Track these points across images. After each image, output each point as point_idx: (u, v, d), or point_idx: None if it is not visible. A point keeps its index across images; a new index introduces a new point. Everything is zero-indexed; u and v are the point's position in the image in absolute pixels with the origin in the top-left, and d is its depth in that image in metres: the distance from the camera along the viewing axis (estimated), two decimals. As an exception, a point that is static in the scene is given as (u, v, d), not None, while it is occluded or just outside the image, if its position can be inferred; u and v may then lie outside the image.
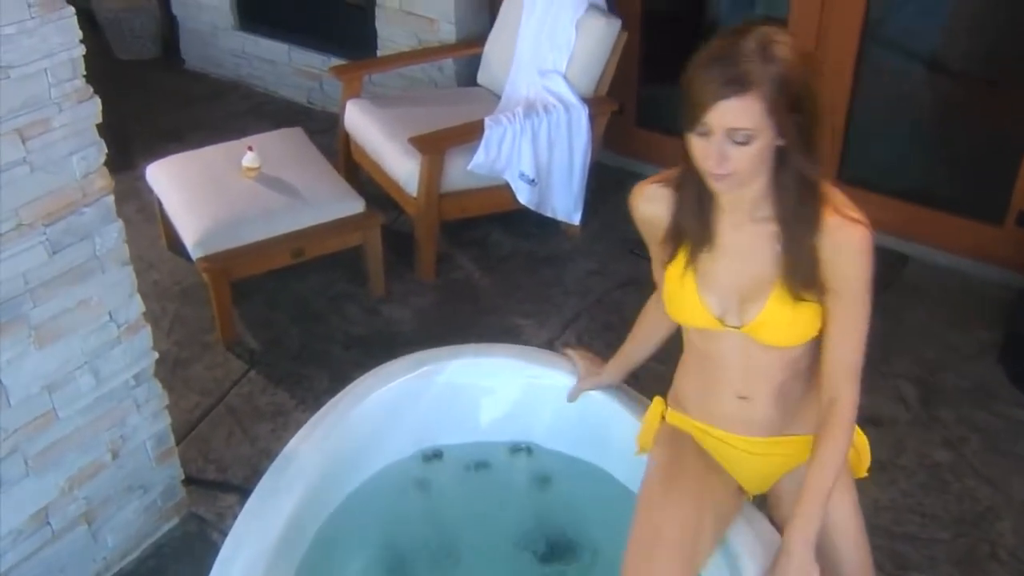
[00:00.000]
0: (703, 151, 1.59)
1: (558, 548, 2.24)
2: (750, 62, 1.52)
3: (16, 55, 1.97)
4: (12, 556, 2.27)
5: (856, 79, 3.72)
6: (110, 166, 2.25)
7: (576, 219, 3.88)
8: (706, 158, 1.59)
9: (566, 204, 3.85)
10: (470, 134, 3.60)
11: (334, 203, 3.47)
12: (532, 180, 3.72)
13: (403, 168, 3.63)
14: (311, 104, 5.09)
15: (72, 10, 2.06)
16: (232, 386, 3.22)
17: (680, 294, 1.80)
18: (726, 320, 1.78)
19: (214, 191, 3.43)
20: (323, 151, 3.80)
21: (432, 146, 3.53)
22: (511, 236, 4.00)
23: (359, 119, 3.95)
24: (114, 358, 2.37)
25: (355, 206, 3.49)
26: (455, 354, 2.39)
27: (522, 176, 3.70)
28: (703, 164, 1.61)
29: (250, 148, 3.54)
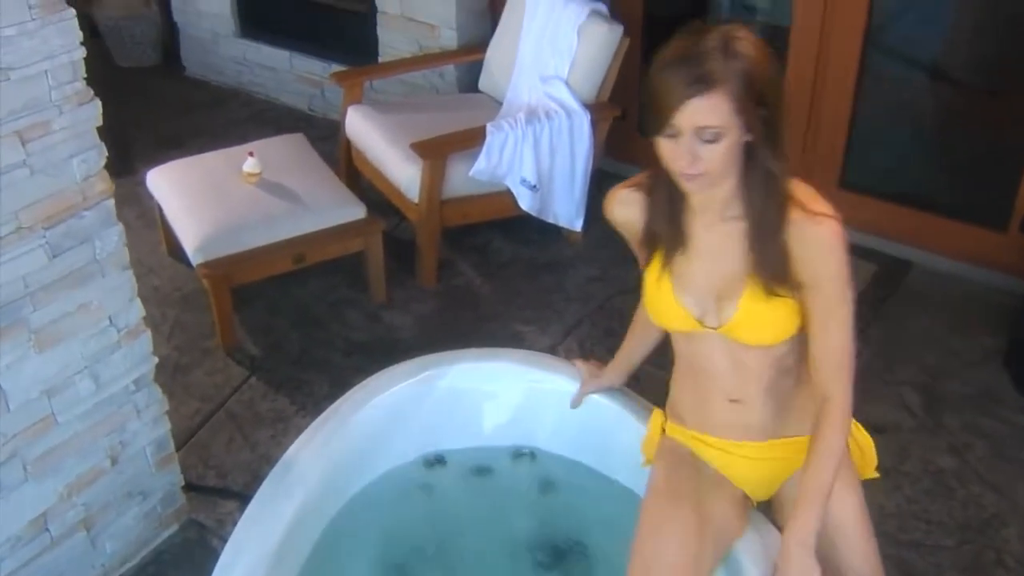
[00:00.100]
0: (673, 153, 1.59)
1: (561, 553, 2.23)
2: (713, 60, 1.52)
3: (16, 57, 1.96)
4: (10, 563, 2.25)
5: (858, 86, 3.71)
6: (110, 172, 2.24)
7: (578, 225, 3.87)
8: (676, 159, 1.59)
9: (568, 210, 3.84)
10: (472, 140, 3.59)
11: (335, 209, 3.46)
12: (534, 186, 3.70)
13: (404, 174, 3.62)
14: (312, 111, 5.09)
15: (73, 12, 2.05)
16: (232, 392, 3.21)
17: (658, 297, 1.81)
18: (705, 321, 1.77)
19: (215, 197, 3.42)
20: (324, 158, 3.78)
21: (434, 152, 3.52)
22: (512, 242, 3.98)
23: (360, 125, 3.94)
24: (114, 363, 2.35)
25: (356, 212, 3.48)
26: (457, 358, 2.38)
27: (524, 182, 3.69)
28: (673, 165, 1.60)
29: (251, 154, 3.53)
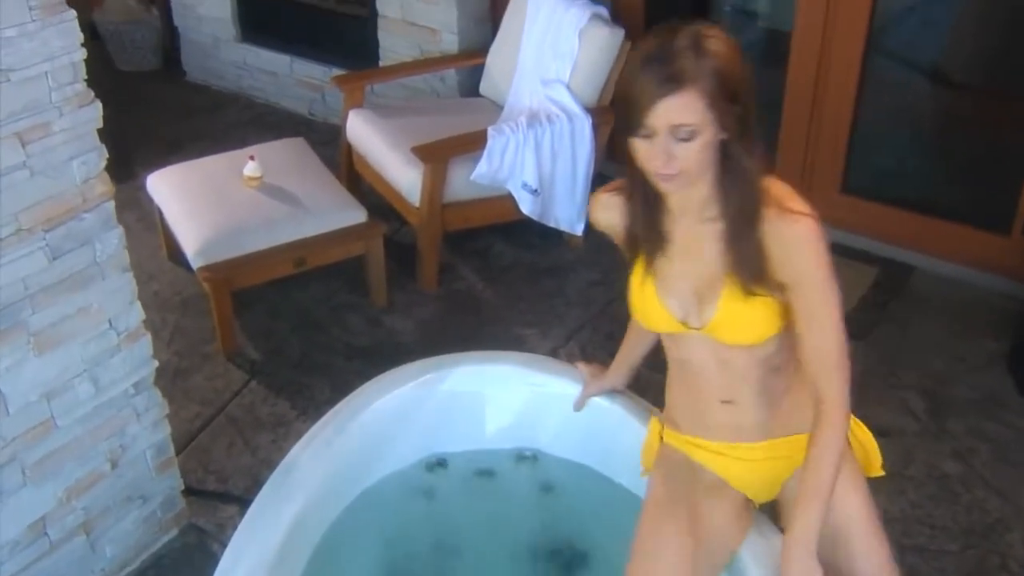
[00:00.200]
0: (648, 153, 1.58)
1: (564, 556, 2.22)
2: (685, 58, 1.51)
3: (17, 58, 1.95)
4: (9, 567, 2.23)
5: (860, 90, 3.70)
6: (110, 176, 2.23)
7: (579, 229, 3.86)
8: (652, 159, 1.58)
9: (569, 214, 3.83)
10: (473, 144, 3.58)
11: (336, 212, 3.45)
12: (535, 190, 3.70)
13: (405, 178, 3.61)
14: (312, 115, 5.08)
15: (73, 13, 2.04)
16: (233, 396, 3.20)
17: (642, 299, 1.80)
18: (689, 322, 1.77)
19: (215, 200, 3.42)
20: (325, 162, 3.78)
21: (435, 155, 3.51)
22: (513, 246, 3.97)
23: (361, 129, 3.93)
24: (114, 366, 2.34)
25: (357, 216, 3.47)
26: (459, 361, 2.37)
27: (525, 186, 3.68)
28: (649, 166, 1.60)
29: (252, 157, 3.52)
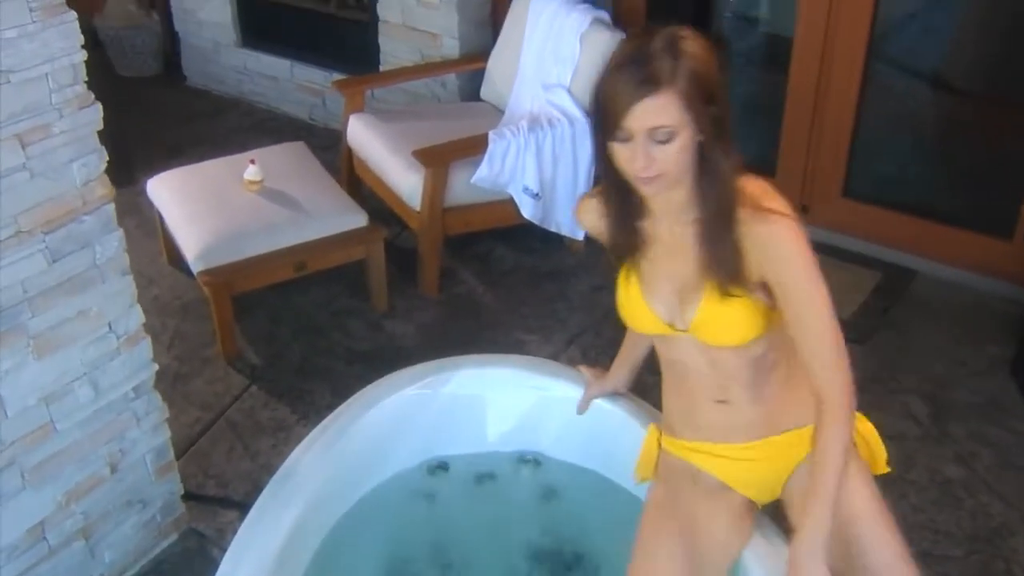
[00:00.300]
0: (627, 157, 1.58)
1: (566, 560, 2.21)
2: (660, 60, 1.52)
3: (17, 59, 1.94)
4: (8, 572, 2.22)
5: (861, 95, 3.69)
6: (110, 181, 2.22)
7: (580, 234, 3.84)
8: (631, 162, 1.57)
9: (570, 219, 3.82)
10: (474, 148, 3.58)
11: (337, 217, 3.44)
12: (536, 194, 3.69)
13: (406, 182, 3.60)
14: (313, 120, 5.08)
15: (74, 15, 2.03)
16: (233, 401, 3.18)
17: (629, 302, 1.80)
18: (675, 324, 1.76)
19: (216, 204, 3.41)
20: (326, 167, 3.77)
21: (436, 159, 3.50)
22: (514, 251, 3.97)
23: (362, 133, 3.92)
24: (113, 370, 2.33)
25: (358, 220, 3.46)
26: (461, 364, 2.37)
27: (526, 190, 3.68)
28: (629, 169, 1.59)
29: (252, 162, 3.52)
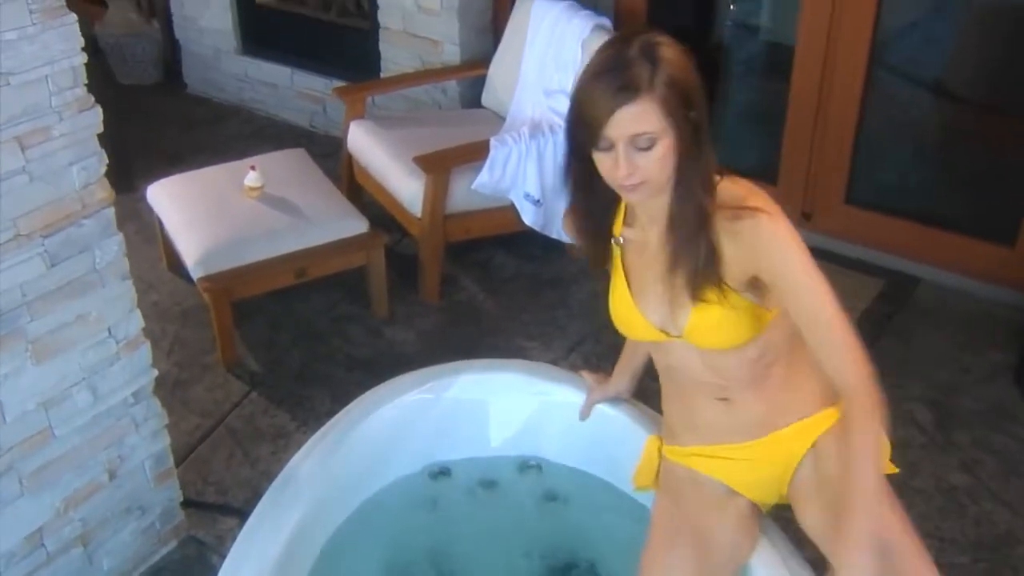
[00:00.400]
0: (610, 165, 1.56)
1: (569, 566, 2.19)
2: (637, 67, 1.50)
3: (16, 62, 1.93)
4: (6, 578, 2.21)
5: (863, 103, 3.69)
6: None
7: (581, 241, 3.84)
8: (614, 171, 1.55)
9: (571, 225, 3.81)
10: (475, 154, 3.56)
11: (337, 223, 3.43)
12: (537, 201, 3.67)
13: (407, 188, 3.59)
14: (313, 128, 5.07)
15: (74, 17, 2.02)
16: (233, 407, 3.17)
17: (621, 310, 1.79)
18: (668, 331, 1.74)
19: (216, 211, 3.39)
20: (326, 174, 3.75)
21: (437, 165, 3.49)
22: (515, 258, 3.95)
23: (363, 139, 3.91)
24: (112, 375, 2.31)
25: (358, 226, 3.45)
26: (462, 369, 2.35)
27: (527, 196, 3.66)
28: (612, 177, 1.57)
29: (252, 168, 3.50)
